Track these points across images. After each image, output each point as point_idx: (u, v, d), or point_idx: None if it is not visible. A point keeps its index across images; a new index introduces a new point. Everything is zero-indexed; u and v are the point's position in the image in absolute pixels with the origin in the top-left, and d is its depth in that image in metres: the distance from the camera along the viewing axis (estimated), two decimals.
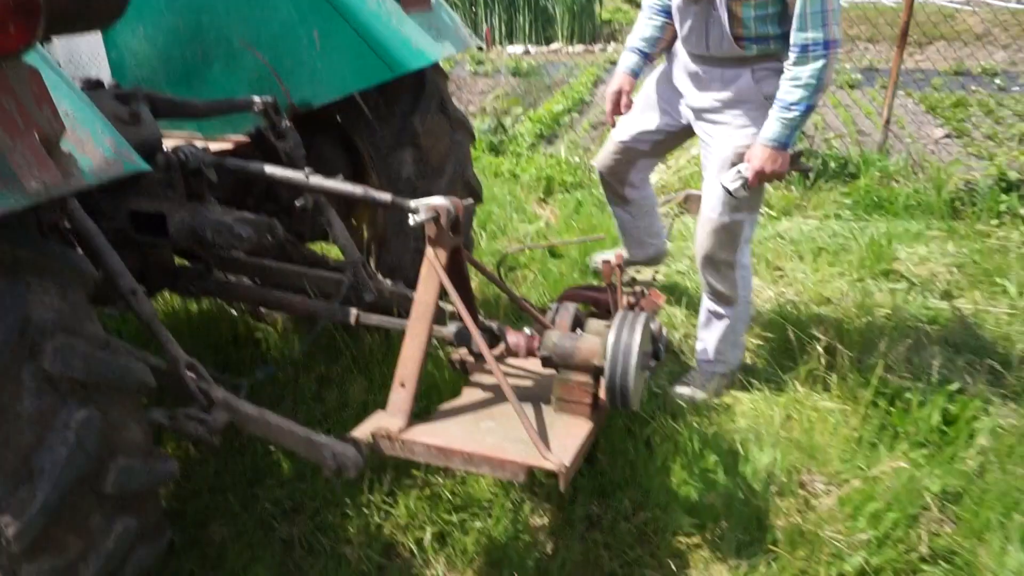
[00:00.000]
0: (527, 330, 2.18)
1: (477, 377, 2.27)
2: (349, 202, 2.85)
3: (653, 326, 2.01)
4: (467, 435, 1.91)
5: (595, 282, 3.59)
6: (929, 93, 8.92)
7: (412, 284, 2.26)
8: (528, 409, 1.96)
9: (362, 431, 1.91)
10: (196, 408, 1.87)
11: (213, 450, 2.40)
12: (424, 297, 2.00)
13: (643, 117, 2.97)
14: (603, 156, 3.21)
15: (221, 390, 1.90)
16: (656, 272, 4.14)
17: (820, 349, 2.95)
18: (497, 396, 2.13)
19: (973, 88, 9.05)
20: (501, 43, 13.96)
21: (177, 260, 2.65)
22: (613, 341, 1.88)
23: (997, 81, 9.59)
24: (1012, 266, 3.82)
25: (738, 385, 2.96)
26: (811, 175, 5.04)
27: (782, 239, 4.42)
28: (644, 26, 2.86)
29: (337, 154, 2.83)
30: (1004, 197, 4.71)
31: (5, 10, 1.09)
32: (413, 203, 2.06)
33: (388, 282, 2.51)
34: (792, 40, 2.34)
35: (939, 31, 10.60)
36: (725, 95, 2.58)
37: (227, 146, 2.60)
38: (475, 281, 2.63)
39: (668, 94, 2.89)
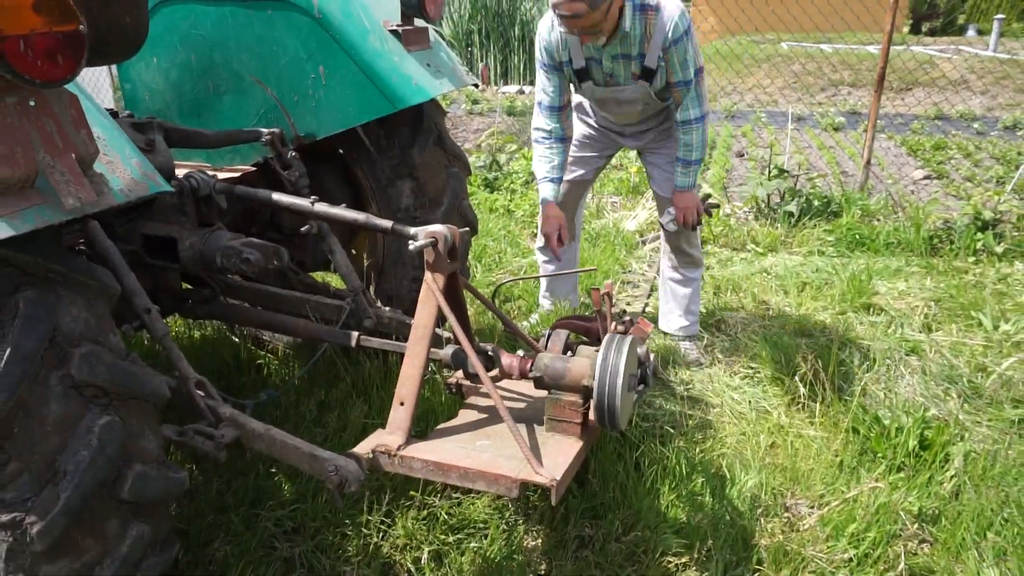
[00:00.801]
0: (520, 353, 2.27)
1: (472, 399, 2.35)
2: (350, 231, 2.94)
3: (640, 351, 2.10)
4: (463, 452, 1.99)
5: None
6: (909, 136, 9.18)
7: (409, 312, 2.35)
8: (521, 428, 2.02)
9: (363, 447, 1.98)
10: (204, 424, 1.94)
11: (218, 467, 2.44)
12: (422, 319, 2.09)
13: (585, 154, 3.53)
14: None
15: (228, 407, 1.97)
16: (646, 304, 4.25)
17: (803, 378, 3.05)
18: (492, 416, 2.21)
19: (953, 132, 9.32)
20: (496, 83, 14.23)
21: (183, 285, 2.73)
22: (601, 361, 1.96)
23: (976, 126, 9.88)
24: (987, 301, 3.94)
25: (725, 412, 3.04)
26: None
27: (768, 274, 4.55)
28: (548, 157, 3.29)
29: (338, 185, 2.92)
30: (980, 235, 4.88)
31: (55, 43, 1.19)
32: (412, 230, 2.16)
33: (387, 309, 2.60)
34: (679, 119, 3.11)
35: (915, 77, 10.93)
36: (664, 128, 3.36)
37: (234, 175, 2.69)
38: (471, 309, 2.71)
39: (599, 134, 3.49)
